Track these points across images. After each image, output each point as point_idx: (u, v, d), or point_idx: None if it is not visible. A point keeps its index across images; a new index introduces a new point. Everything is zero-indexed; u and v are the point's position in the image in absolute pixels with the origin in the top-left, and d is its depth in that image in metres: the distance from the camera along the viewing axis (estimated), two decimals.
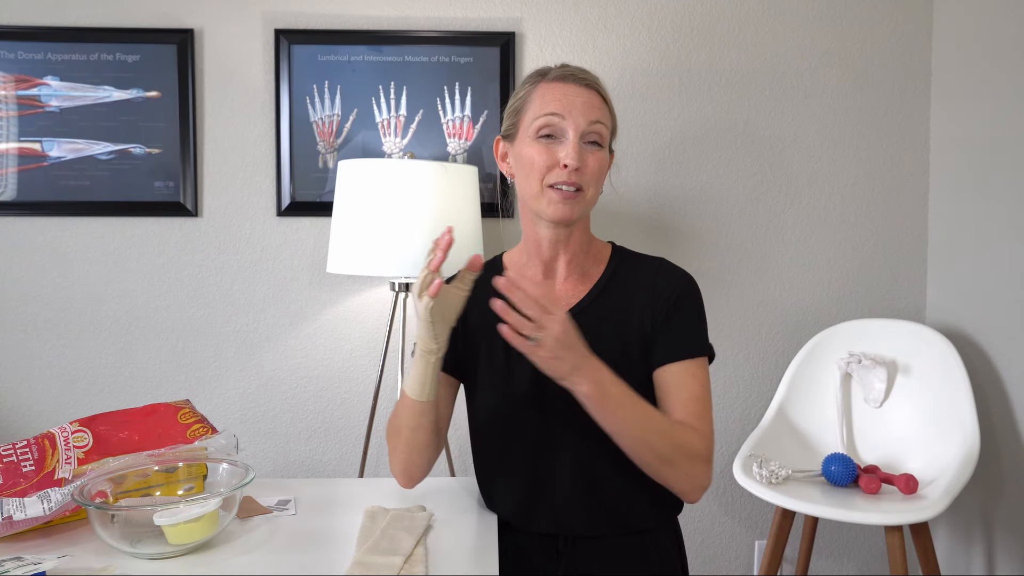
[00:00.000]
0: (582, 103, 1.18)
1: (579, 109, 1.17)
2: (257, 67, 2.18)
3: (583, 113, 1.17)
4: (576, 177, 1.16)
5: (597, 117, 1.18)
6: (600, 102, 1.21)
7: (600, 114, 1.19)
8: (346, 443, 2.25)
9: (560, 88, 1.19)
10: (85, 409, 2.17)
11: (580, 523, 1.20)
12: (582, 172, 1.17)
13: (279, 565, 1.02)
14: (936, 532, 2.23)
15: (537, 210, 1.20)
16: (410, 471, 1.24)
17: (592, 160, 1.18)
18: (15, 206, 2.14)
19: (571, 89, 1.19)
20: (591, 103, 1.19)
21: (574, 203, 1.18)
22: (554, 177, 1.17)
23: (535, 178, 1.18)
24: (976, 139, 2.07)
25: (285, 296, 2.22)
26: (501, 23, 2.19)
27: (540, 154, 1.17)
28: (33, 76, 2.13)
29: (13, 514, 1.06)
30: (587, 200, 1.20)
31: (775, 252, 2.27)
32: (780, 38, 2.23)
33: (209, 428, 1.27)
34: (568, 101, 1.18)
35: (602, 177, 1.22)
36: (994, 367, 2.00)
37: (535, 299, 1.02)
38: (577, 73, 1.21)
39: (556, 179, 1.17)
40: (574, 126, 1.17)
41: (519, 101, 1.24)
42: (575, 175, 1.16)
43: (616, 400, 1.09)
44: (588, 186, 1.18)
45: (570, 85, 1.19)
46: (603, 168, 1.21)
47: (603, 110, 1.20)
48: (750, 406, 2.29)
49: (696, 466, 1.14)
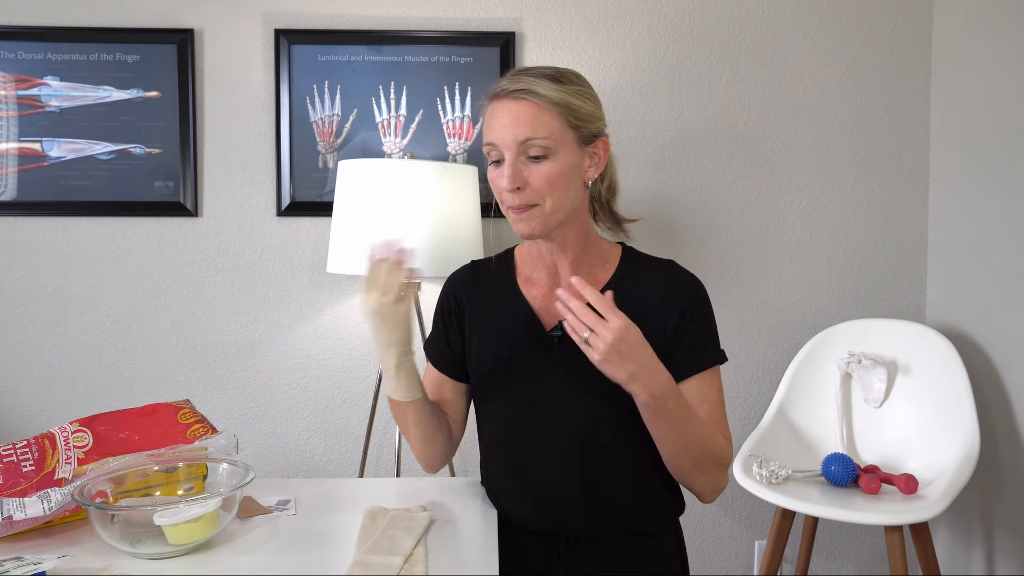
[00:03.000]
0: (510, 122, 1.15)
1: (508, 129, 1.15)
2: (257, 67, 2.18)
3: (511, 133, 1.14)
4: (520, 197, 1.15)
5: (526, 134, 1.14)
6: (533, 111, 1.14)
7: (530, 127, 1.14)
8: (346, 443, 2.25)
9: (496, 109, 1.17)
10: (85, 409, 2.17)
11: (581, 524, 1.20)
12: (526, 190, 1.15)
13: (279, 565, 1.02)
14: (936, 532, 2.23)
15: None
16: (428, 460, 1.31)
17: (535, 174, 1.15)
18: (15, 206, 2.14)
19: (502, 108, 1.16)
20: (519, 119, 1.14)
21: (531, 219, 1.17)
22: (506, 200, 1.18)
23: (498, 200, 1.21)
24: (976, 139, 2.07)
25: (285, 296, 2.22)
26: (501, 23, 2.19)
27: (494, 180, 1.19)
28: (33, 76, 2.13)
29: (13, 514, 1.06)
30: (547, 212, 1.16)
31: (775, 252, 2.27)
32: (780, 38, 2.23)
33: (209, 428, 1.27)
34: (498, 124, 1.16)
35: (561, 182, 1.16)
36: (994, 367, 2.00)
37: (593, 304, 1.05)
38: (508, 86, 1.16)
39: (508, 202, 1.18)
40: (507, 148, 1.15)
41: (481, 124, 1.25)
42: (518, 196, 1.15)
43: (670, 414, 1.11)
44: (543, 199, 1.16)
45: (503, 102, 1.16)
46: (556, 176, 1.15)
47: (537, 119, 1.14)
48: (750, 406, 2.29)
49: (721, 472, 1.20)
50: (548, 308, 1.24)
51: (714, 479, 1.19)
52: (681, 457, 1.16)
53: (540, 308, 1.25)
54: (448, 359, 1.31)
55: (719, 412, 1.22)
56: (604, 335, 1.04)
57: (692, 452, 1.15)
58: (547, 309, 1.24)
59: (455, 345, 1.30)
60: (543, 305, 1.25)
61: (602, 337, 1.04)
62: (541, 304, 1.25)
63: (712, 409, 1.21)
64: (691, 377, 1.21)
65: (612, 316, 1.05)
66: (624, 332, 1.04)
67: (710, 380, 1.22)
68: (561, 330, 1.21)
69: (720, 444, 1.18)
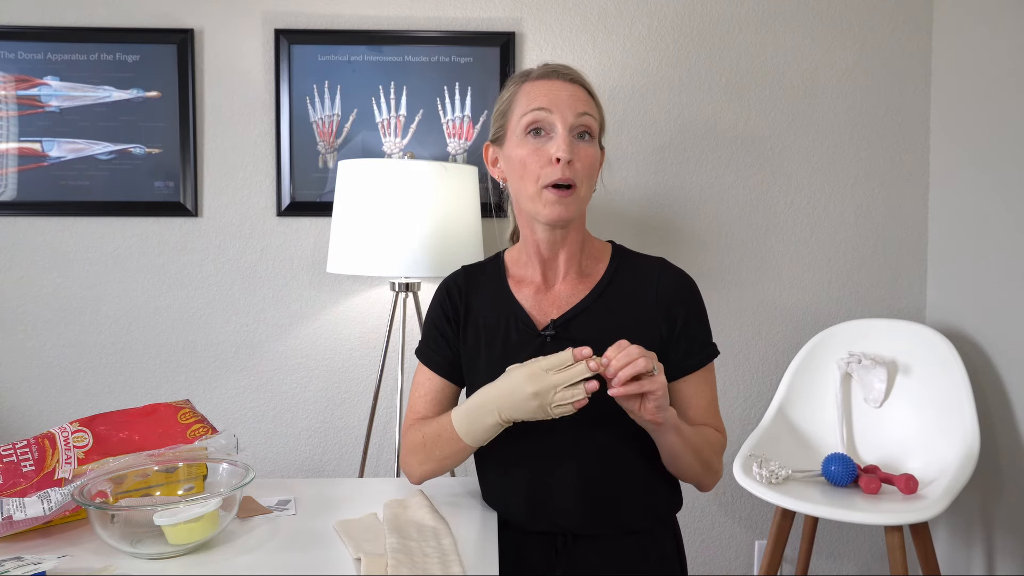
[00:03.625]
0: (568, 96, 1.18)
1: (566, 102, 1.17)
2: (257, 67, 2.18)
3: (570, 106, 1.17)
4: (569, 172, 1.16)
5: (584, 109, 1.19)
6: (586, 96, 1.21)
7: (587, 106, 1.19)
8: (346, 443, 2.25)
9: (545, 85, 1.19)
10: (85, 409, 2.17)
11: (579, 522, 1.20)
12: (574, 166, 1.16)
13: (279, 565, 1.02)
14: (936, 532, 2.23)
15: (533, 212, 1.20)
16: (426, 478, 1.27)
17: (584, 153, 1.18)
18: (15, 206, 2.14)
19: (556, 85, 1.19)
20: (577, 96, 1.19)
21: (569, 202, 1.17)
22: (547, 175, 1.16)
23: (529, 180, 1.18)
24: (976, 139, 2.07)
25: (285, 296, 2.22)
26: (501, 23, 2.19)
27: (531, 154, 1.17)
28: (33, 76, 2.13)
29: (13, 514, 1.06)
30: (581, 197, 1.19)
31: (775, 252, 2.27)
32: (780, 38, 2.23)
33: (209, 428, 1.27)
34: (554, 95, 1.18)
35: (595, 173, 1.22)
36: (994, 367, 2.00)
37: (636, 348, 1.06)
38: (560, 69, 1.21)
39: (549, 177, 1.16)
40: (562, 119, 1.17)
41: (504, 104, 1.24)
42: (568, 169, 1.16)
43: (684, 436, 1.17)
44: (581, 182, 1.18)
45: (554, 81, 1.20)
46: (595, 163, 1.21)
47: (590, 103, 1.21)
48: (750, 406, 2.29)
49: (720, 463, 1.27)
50: (540, 308, 1.25)
51: (716, 471, 1.26)
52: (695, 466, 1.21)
53: (532, 308, 1.25)
54: (448, 364, 1.30)
55: (714, 407, 1.28)
56: (659, 376, 1.07)
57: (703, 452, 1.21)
58: (539, 309, 1.25)
59: (452, 346, 1.30)
60: (535, 305, 1.25)
61: (659, 377, 1.07)
62: (533, 304, 1.25)
63: (707, 405, 1.26)
64: (690, 375, 1.24)
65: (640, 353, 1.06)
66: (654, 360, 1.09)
67: (705, 378, 1.26)
68: (553, 329, 1.21)
69: (714, 438, 1.25)
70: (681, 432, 1.15)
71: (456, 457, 1.20)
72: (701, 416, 1.25)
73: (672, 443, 1.15)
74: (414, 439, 1.25)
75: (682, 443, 1.16)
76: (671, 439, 1.15)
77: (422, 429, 1.25)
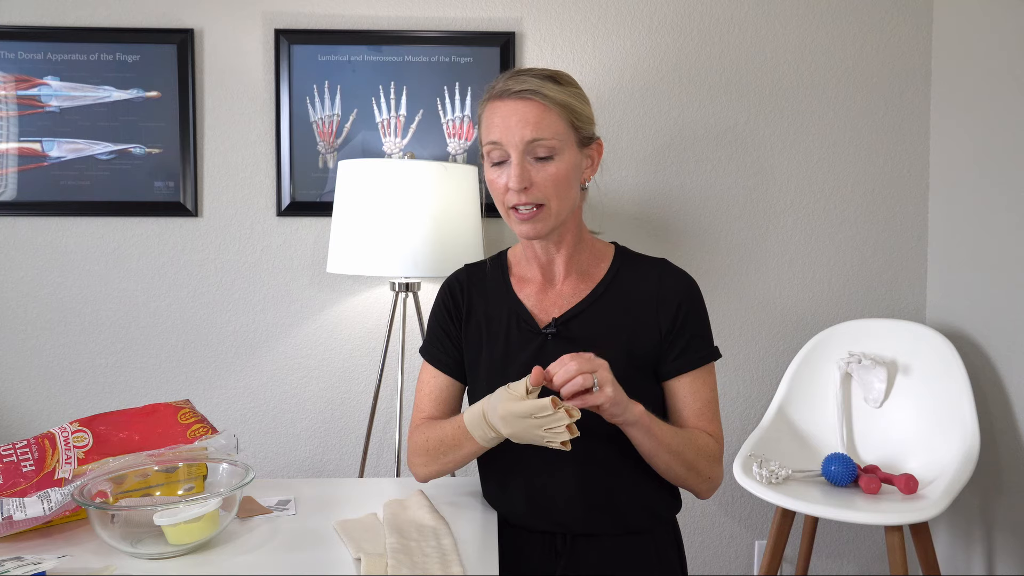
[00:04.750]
0: (517, 121, 1.15)
1: (515, 129, 1.15)
2: (257, 67, 2.18)
3: (519, 132, 1.15)
4: (527, 197, 1.16)
5: (533, 134, 1.14)
6: (539, 112, 1.15)
7: (537, 128, 1.15)
8: (346, 443, 2.25)
9: (499, 109, 1.17)
10: (85, 409, 2.17)
11: (579, 522, 1.20)
12: (532, 190, 1.16)
13: (279, 565, 1.02)
14: (936, 532, 2.23)
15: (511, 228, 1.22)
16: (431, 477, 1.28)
17: (542, 175, 1.16)
18: (15, 206, 2.14)
19: (507, 108, 1.16)
20: (527, 119, 1.15)
21: (536, 221, 1.18)
22: (511, 199, 1.18)
23: (498, 202, 1.20)
24: (976, 139, 2.07)
25: (285, 296, 2.22)
26: (501, 23, 2.19)
27: (495, 180, 1.19)
28: (33, 76, 2.13)
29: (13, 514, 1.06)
30: (553, 212, 1.18)
31: (775, 252, 2.27)
32: (780, 38, 2.23)
33: (209, 428, 1.27)
34: (504, 124, 1.16)
35: (566, 184, 1.18)
36: (994, 367, 2.00)
37: (576, 365, 1.05)
38: (513, 87, 1.16)
39: (512, 201, 1.17)
40: (514, 148, 1.15)
41: (478, 124, 1.24)
42: (525, 195, 1.16)
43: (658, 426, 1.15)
44: (548, 199, 1.17)
45: (507, 102, 1.16)
46: (561, 177, 1.17)
47: (543, 120, 1.15)
48: (750, 406, 2.29)
49: (714, 468, 1.22)
50: (542, 306, 1.25)
51: (709, 477, 1.22)
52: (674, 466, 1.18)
53: (534, 307, 1.25)
54: (453, 361, 1.31)
55: (711, 410, 1.24)
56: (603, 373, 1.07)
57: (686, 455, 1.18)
58: (541, 307, 1.25)
59: (456, 344, 1.30)
60: (537, 303, 1.26)
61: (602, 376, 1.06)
62: (535, 303, 1.26)
63: (704, 407, 1.23)
64: (685, 374, 1.23)
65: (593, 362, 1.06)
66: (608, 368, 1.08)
67: (703, 378, 1.24)
68: (555, 327, 1.21)
69: (705, 441, 1.21)
70: (652, 432, 1.13)
71: (464, 460, 1.21)
72: (694, 418, 1.23)
73: (641, 442, 1.15)
74: (419, 441, 1.26)
75: (654, 443, 1.14)
76: (639, 438, 1.14)
77: (427, 432, 1.25)
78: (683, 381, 1.23)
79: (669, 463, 1.17)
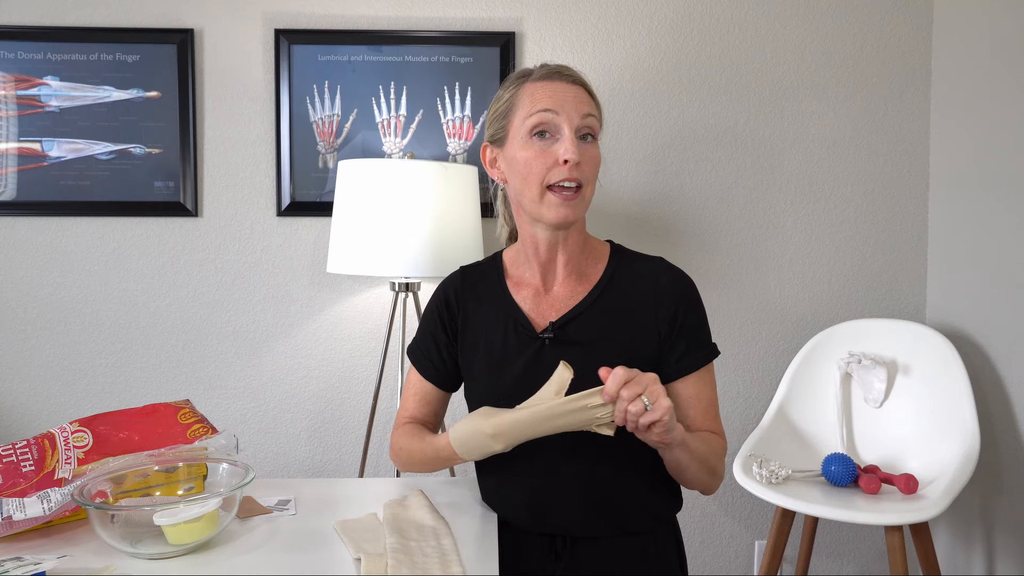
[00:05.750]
0: (572, 97, 1.18)
1: (571, 103, 1.17)
2: (257, 67, 2.18)
3: (575, 107, 1.17)
4: (577, 172, 1.16)
5: (588, 110, 1.18)
6: (588, 97, 1.20)
7: (591, 108, 1.19)
8: (346, 443, 2.25)
9: (548, 86, 1.18)
10: (85, 409, 2.17)
11: (578, 523, 1.20)
12: (581, 167, 1.16)
13: (279, 565, 1.02)
14: (936, 532, 2.23)
15: (536, 214, 1.19)
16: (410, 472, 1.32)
17: (589, 155, 1.18)
18: (15, 206, 2.14)
19: (559, 86, 1.18)
20: (580, 97, 1.19)
21: (575, 203, 1.17)
22: (555, 176, 1.16)
23: (534, 181, 1.17)
24: (976, 139, 2.07)
25: (285, 296, 2.22)
26: (501, 23, 2.19)
27: (537, 156, 1.16)
28: (33, 76, 2.13)
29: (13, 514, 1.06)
30: (586, 199, 1.20)
31: (775, 252, 2.27)
32: (780, 38, 2.23)
33: (209, 428, 1.27)
34: (559, 97, 1.17)
35: (597, 171, 1.22)
36: (994, 367, 2.00)
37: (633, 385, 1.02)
38: (562, 70, 1.21)
39: (556, 178, 1.15)
40: (568, 121, 1.16)
41: (505, 104, 1.22)
42: (575, 170, 1.15)
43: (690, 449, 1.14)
44: (587, 182, 1.18)
45: (557, 83, 1.19)
46: (599, 164, 1.21)
47: (592, 104, 1.20)
48: (750, 406, 2.29)
49: (722, 465, 1.25)
50: (538, 310, 1.25)
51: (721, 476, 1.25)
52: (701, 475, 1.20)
53: (530, 310, 1.25)
54: (435, 366, 1.31)
55: (714, 409, 1.26)
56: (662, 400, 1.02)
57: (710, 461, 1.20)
58: (537, 310, 1.25)
59: (444, 353, 1.30)
60: (533, 307, 1.25)
61: (660, 403, 1.02)
62: (531, 306, 1.25)
63: (707, 407, 1.24)
64: (688, 376, 1.23)
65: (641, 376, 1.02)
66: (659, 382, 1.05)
67: (705, 379, 1.24)
68: (552, 331, 1.21)
69: (716, 444, 1.23)
70: (687, 446, 1.13)
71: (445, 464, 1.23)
72: (700, 418, 1.23)
73: (679, 458, 1.14)
74: (396, 447, 1.30)
75: (689, 456, 1.15)
76: (678, 455, 1.14)
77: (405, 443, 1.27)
78: (687, 383, 1.23)
79: (697, 472, 1.18)
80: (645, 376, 1.03)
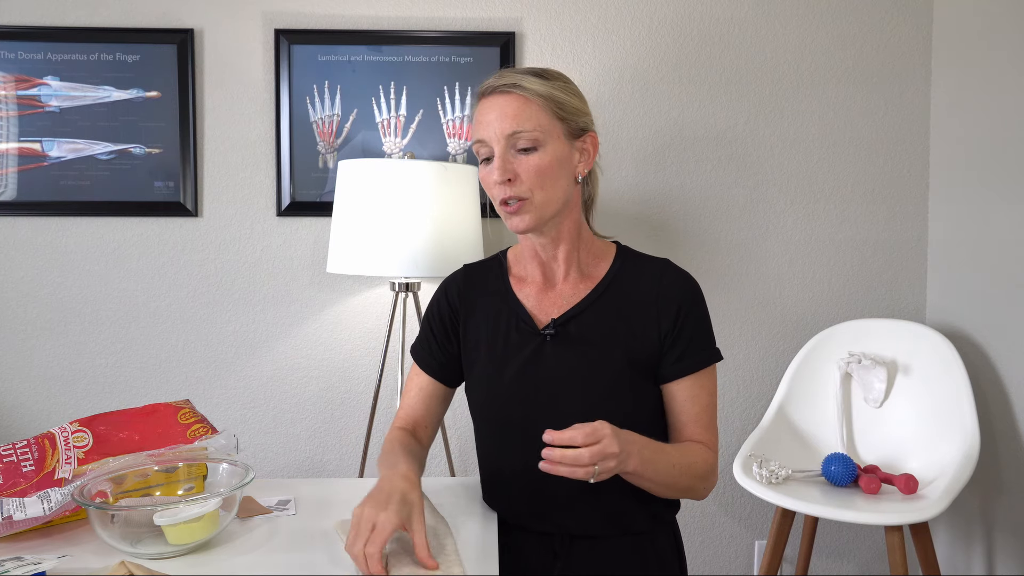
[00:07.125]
0: (497, 115, 1.16)
1: (495, 125, 1.16)
2: (257, 67, 2.18)
3: (499, 127, 1.16)
4: (512, 189, 1.16)
5: (513, 127, 1.15)
6: (519, 104, 1.16)
7: (517, 120, 1.15)
8: (346, 443, 2.25)
9: (483, 106, 1.19)
10: (85, 409, 2.17)
11: (578, 523, 1.20)
12: (515, 182, 1.16)
13: (279, 565, 1.02)
14: (936, 532, 2.23)
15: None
16: None
17: (524, 166, 1.16)
18: (15, 206, 2.14)
19: (490, 104, 1.18)
20: (506, 112, 1.16)
21: (523, 213, 1.18)
22: (497, 193, 1.18)
23: (492, 198, 1.21)
24: (976, 139, 2.07)
25: (285, 296, 2.22)
26: (501, 23, 2.19)
27: (485, 177, 1.20)
28: (33, 76, 2.13)
29: (13, 514, 1.06)
30: (538, 204, 1.17)
31: (775, 252, 2.27)
32: (780, 38, 2.23)
33: (209, 428, 1.27)
34: (486, 121, 1.17)
35: (550, 176, 1.17)
36: (994, 367, 2.00)
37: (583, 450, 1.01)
38: (495, 83, 1.18)
39: (500, 195, 1.18)
40: (495, 142, 1.16)
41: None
42: (509, 187, 1.16)
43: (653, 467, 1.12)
44: (532, 191, 1.17)
45: (490, 99, 1.18)
46: (544, 168, 1.17)
47: (523, 112, 1.15)
48: (750, 406, 2.29)
49: (707, 481, 1.21)
50: (541, 307, 1.25)
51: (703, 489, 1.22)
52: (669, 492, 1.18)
53: (533, 307, 1.25)
54: (439, 365, 1.31)
55: (708, 415, 1.23)
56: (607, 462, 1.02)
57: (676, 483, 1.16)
58: (540, 308, 1.25)
59: (446, 350, 1.30)
60: (536, 304, 1.25)
61: (605, 464, 1.02)
62: (534, 303, 1.25)
63: (701, 412, 1.22)
64: (685, 378, 1.22)
65: (597, 434, 1.01)
66: (612, 436, 1.03)
67: (702, 382, 1.23)
68: (553, 328, 1.21)
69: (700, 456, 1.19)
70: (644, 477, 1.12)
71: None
72: (691, 424, 1.22)
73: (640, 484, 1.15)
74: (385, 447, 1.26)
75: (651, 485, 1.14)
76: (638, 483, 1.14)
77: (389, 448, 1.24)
78: (682, 385, 1.21)
79: (664, 493, 1.18)
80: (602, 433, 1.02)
